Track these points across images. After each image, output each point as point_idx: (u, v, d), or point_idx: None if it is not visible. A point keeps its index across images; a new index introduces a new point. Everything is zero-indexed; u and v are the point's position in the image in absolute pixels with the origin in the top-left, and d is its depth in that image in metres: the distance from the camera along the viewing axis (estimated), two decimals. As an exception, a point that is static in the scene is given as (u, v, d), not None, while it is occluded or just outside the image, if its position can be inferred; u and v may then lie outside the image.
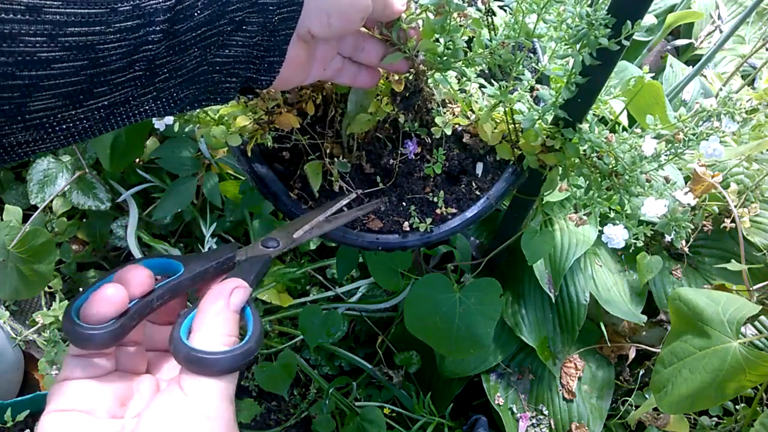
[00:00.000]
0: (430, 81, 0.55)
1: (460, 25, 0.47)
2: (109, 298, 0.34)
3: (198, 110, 0.56)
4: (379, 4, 0.42)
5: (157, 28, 0.31)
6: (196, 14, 0.33)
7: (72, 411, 0.33)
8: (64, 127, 0.31)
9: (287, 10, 0.37)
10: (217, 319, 0.36)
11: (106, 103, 0.32)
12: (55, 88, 0.29)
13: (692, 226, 0.68)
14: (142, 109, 0.35)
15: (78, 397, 0.34)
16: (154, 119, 0.57)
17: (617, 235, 0.52)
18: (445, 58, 0.48)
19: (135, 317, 0.35)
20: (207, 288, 0.39)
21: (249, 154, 0.56)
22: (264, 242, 0.45)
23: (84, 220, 1.19)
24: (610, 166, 0.51)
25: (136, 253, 1.09)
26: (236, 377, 0.35)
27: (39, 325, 0.99)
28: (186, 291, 0.39)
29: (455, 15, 0.46)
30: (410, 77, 0.52)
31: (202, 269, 0.39)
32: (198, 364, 0.33)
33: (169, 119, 0.58)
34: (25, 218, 1.02)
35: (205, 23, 0.33)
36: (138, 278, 0.36)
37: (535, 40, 0.50)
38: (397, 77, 0.52)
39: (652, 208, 0.49)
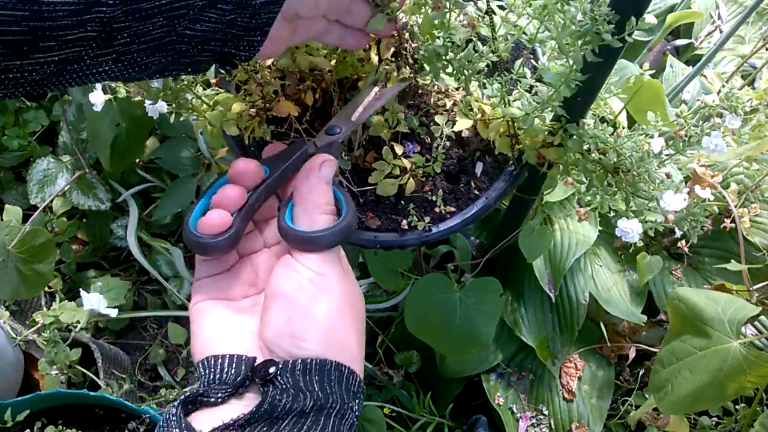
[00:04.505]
0: (426, 78, 0.54)
1: (463, 26, 0.47)
2: (231, 199, 0.39)
3: (193, 98, 0.56)
4: None
5: None
6: None
7: (212, 300, 0.40)
8: (11, 76, 0.31)
9: None
10: (314, 193, 0.40)
11: (56, 58, 0.31)
12: None
13: (708, 222, 0.68)
14: (101, 69, 0.34)
15: (215, 288, 0.40)
16: (146, 104, 0.56)
17: (632, 228, 0.52)
18: (442, 53, 0.48)
19: (245, 219, 0.40)
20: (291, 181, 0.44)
21: (246, 142, 0.56)
22: (328, 130, 0.47)
23: (84, 220, 1.19)
24: (613, 163, 0.51)
25: (137, 253, 1.09)
26: (340, 246, 0.41)
27: (39, 325, 0.98)
28: (276, 189, 0.43)
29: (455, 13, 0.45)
30: (395, 40, 0.51)
31: (286, 165, 0.43)
32: (307, 242, 0.38)
33: (162, 106, 0.56)
34: (25, 218, 1.02)
35: None
36: (251, 169, 0.40)
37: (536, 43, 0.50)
38: (384, 43, 0.51)
39: (672, 202, 0.49)
